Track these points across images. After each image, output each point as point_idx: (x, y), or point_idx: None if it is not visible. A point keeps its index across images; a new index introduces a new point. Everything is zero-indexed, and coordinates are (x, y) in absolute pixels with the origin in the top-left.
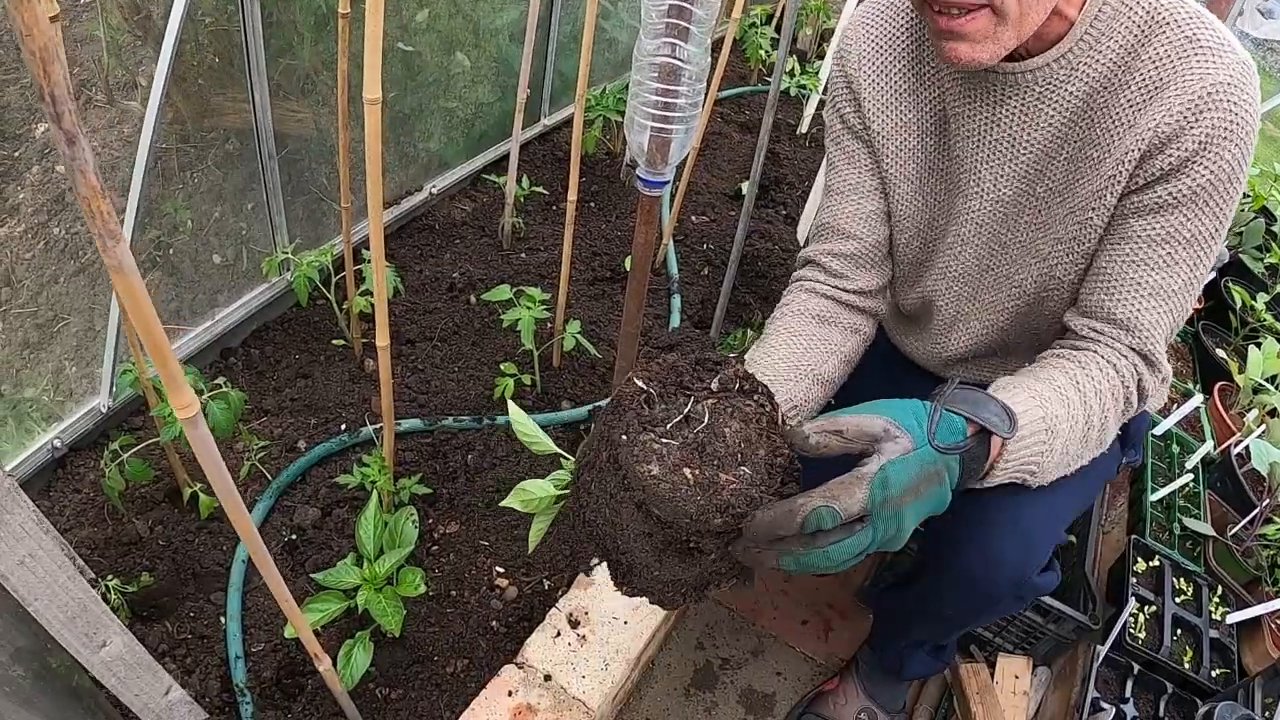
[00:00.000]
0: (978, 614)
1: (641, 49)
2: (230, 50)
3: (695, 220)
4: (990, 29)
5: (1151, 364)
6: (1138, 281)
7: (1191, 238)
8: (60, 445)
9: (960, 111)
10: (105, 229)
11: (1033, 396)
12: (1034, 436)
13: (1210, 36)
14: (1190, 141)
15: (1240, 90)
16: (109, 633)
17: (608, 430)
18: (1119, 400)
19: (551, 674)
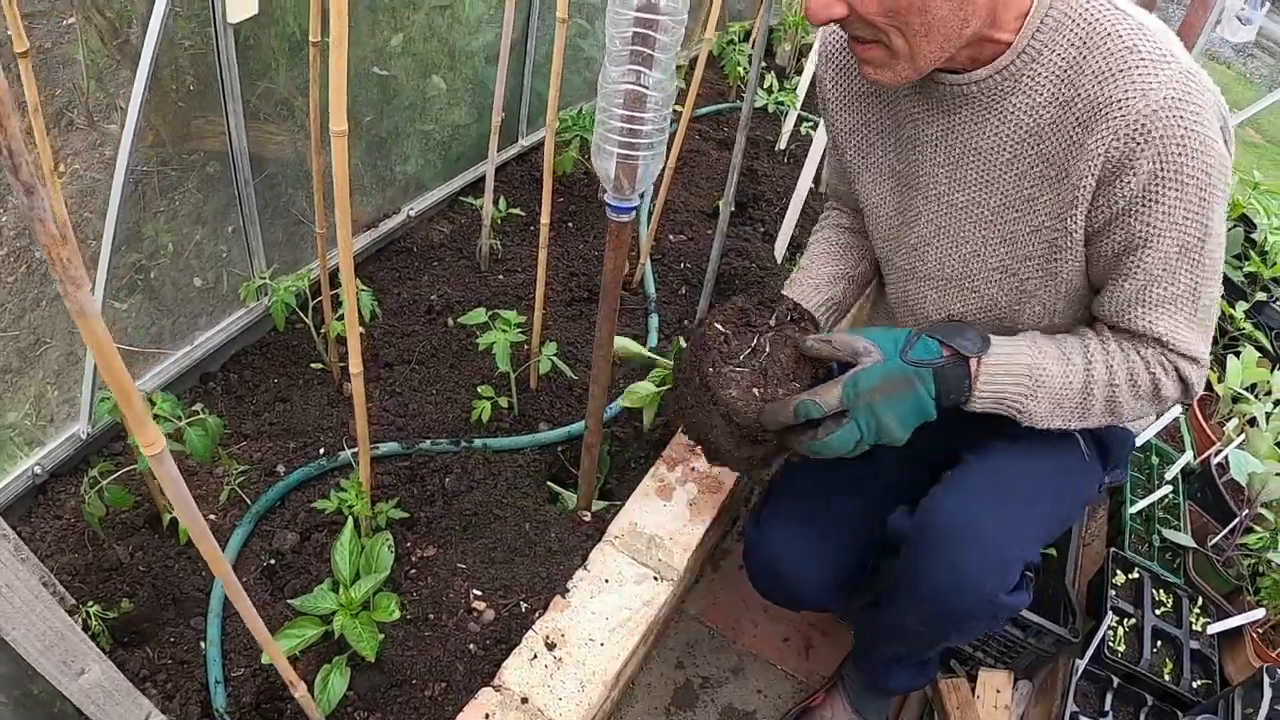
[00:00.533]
0: (947, 633)
1: (606, 76)
2: (209, 74)
3: (673, 239)
4: (885, 59)
5: (1187, 356)
6: (1139, 298)
7: (1182, 249)
8: (41, 471)
9: (917, 117)
10: (67, 275)
11: (1026, 342)
12: (1012, 375)
13: (1151, 48)
14: (1144, 163)
15: (1185, 104)
16: (87, 660)
17: (698, 362)
18: (1137, 381)
19: (529, 696)
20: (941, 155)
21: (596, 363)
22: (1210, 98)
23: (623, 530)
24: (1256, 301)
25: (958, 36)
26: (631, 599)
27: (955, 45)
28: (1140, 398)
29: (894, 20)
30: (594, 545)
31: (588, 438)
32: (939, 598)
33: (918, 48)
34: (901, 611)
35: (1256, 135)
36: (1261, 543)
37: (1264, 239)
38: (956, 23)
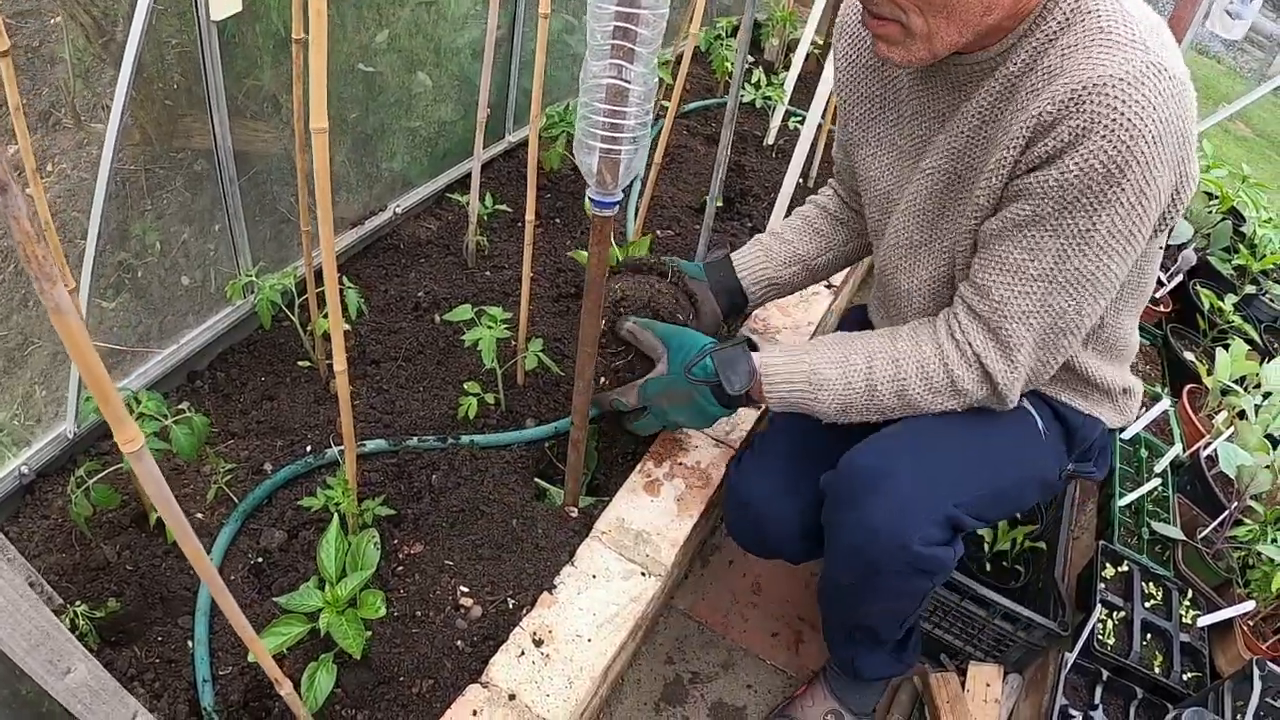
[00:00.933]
0: (873, 588)
1: (588, 70)
2: (193, 71)
3: (660, 234)
4: (900, 38)
5: (1001, 342)
6: (1000, 254)
7: (1059, 229)
8: (28, 471)
9: (920, 93)
10: (41, 272)
11: (808, 350)
12: (793, 384)
13: (1124, 32)
14: (1065, 131)
15: (1132, 87)
16: (73, 659)
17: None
18: (929, 375)
19: (516, 693)
20: (930, 129)
21: (581, 358)
22: (1172, 102)
23: (610, 526)
24: (1245, 294)
25: (978, 23)
26: (619, 595)
27: (974, 32)
28: (937, 392)
29: (918, 0)
30: (581, 541)
31: (574, 434)
32: (853, 548)
33: (936, 29)
34: (833, 567)
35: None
36: (1251, 535)
37: (1253, 232)
38: (979, 9)
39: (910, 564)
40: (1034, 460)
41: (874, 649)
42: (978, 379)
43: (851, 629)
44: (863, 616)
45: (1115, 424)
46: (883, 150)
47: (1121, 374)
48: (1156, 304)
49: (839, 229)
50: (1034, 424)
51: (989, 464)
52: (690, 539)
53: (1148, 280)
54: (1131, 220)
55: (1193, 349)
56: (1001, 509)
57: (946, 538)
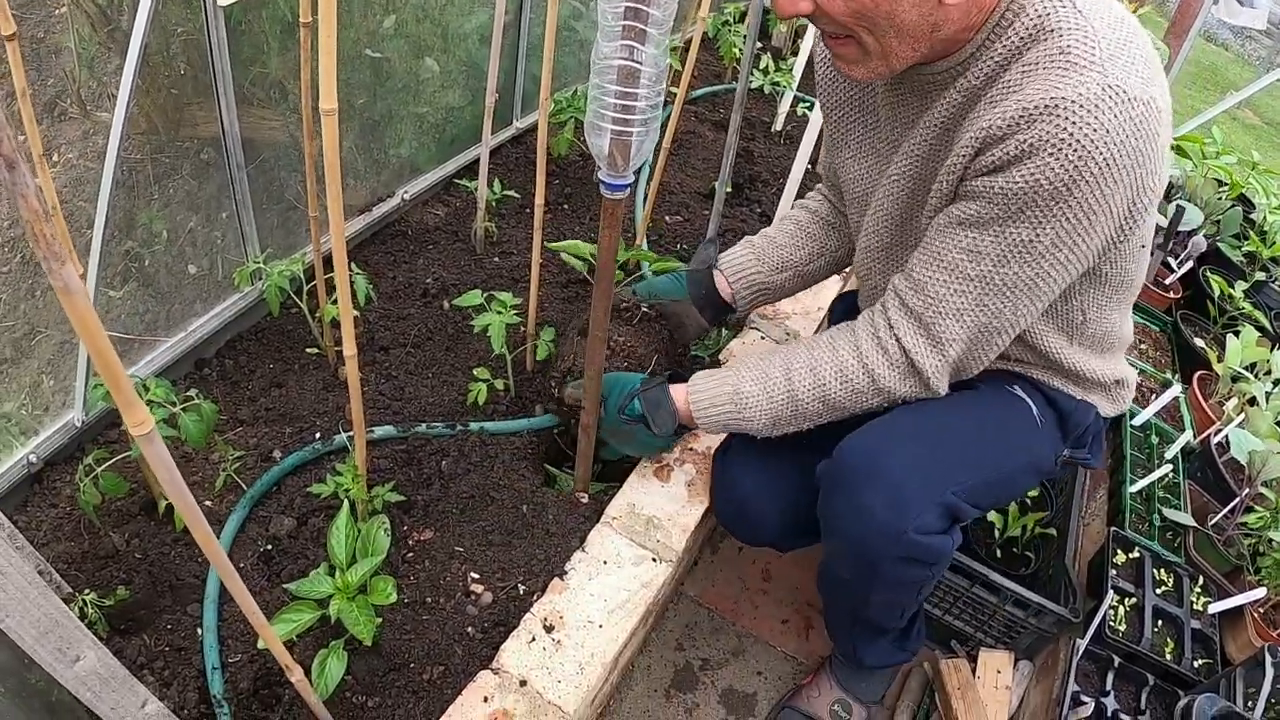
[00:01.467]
0: (870, 578)
1: (599, 52)
2: (201, 59)
3: (669, 220)
4: (858, 55)
5: (932, 336)
6: (939, 252)
7: (1001, 235)
8: (36, 460)
9: (890, 100)
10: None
11: (730, 373)
12: (718, 405)
13: (1085, 53)
14: (1014, 146)
15: (1086, 110)
16: (82, 647)
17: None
18: (848, 377)
19: (527, 679)
20: (900, 134)
21: (591, 343)
22: (1128, 125)
23: (621, 512)
24: (1256, 281)
25: (928, 39)
26: (630, 581)
27: (927, 45)
28: (859, 393)
29: (861, 21)
30: (592, 527)
31: (584, 419)
32: (849, 538)
33: (889, 46)
34: (830, 558)
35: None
36: (1262, 522)
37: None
38: (925, 26)
39: (908, 553)
40: (1030, 447)
41: (876, 638)
42: (901, 375)
43: (853, 619)
44: (863, 607)
45: (1109, 413)
46: (861, 154)
47: (1113, 366)
48: (1167, 290)
49: (831, 234)
50: (1029, 410)
51: (985, 451)
52: (701, 525)
53: (1134, 276)
54: (1076, 235)
55: (1203, 335)
56: (998, 496)
57: (944, 526)
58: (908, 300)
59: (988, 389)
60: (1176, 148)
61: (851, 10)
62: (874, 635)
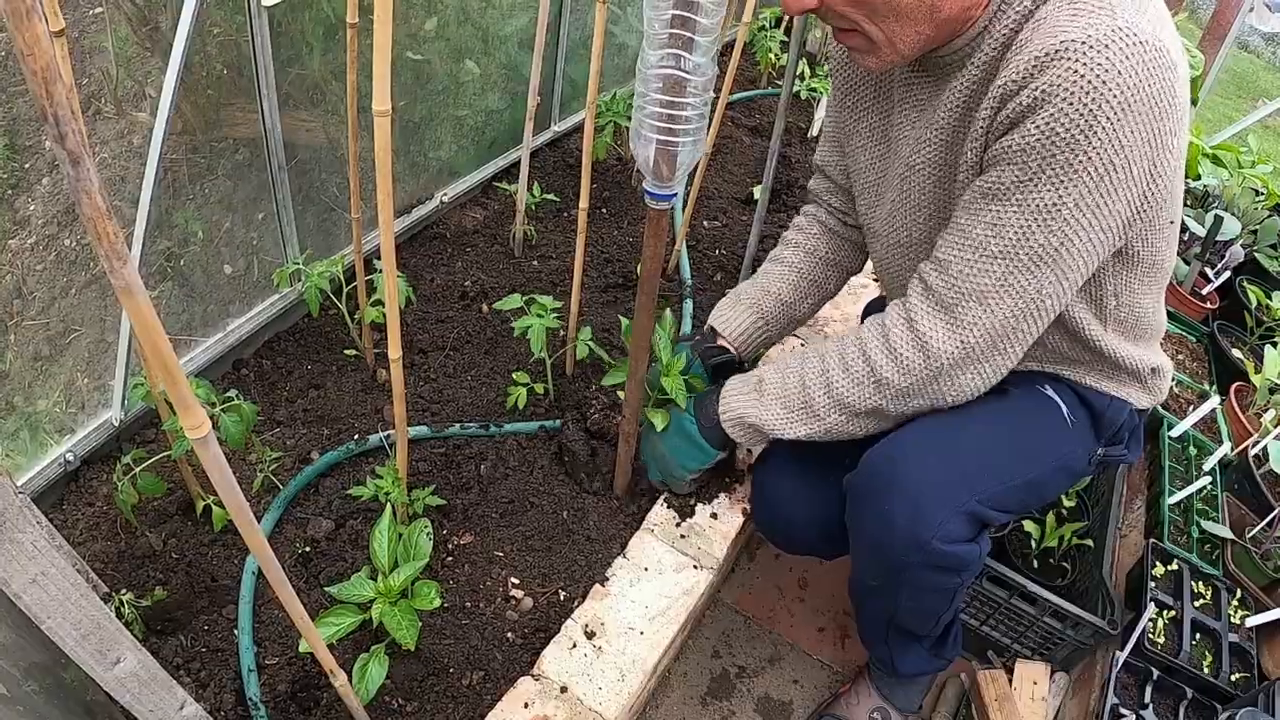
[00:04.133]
0: (896, 586)
1: (645, 61)
2: (239, 61)
3: (707, 225)
4: (867, 46)
5: (952, 318)
6: (963, 229)
7: (1023, 202)
8: (73, 459)
9: (907, 85)
10: (112, 250)
11: (754, 374)
12: (741, 393)
13: (1095, 1)
14: (1027, 96)
15: (1094, 50)
16: (122, 649)
17: None
18: (848, 363)
19: (568, 685)
20: (910, 119)
21: (634, 351)
22: (1140, 66)
23: (662, 518)
24: None
25: (929, 20)
26: (671, 587)
27: (931, 28)
28: (859, 382)
29: (860, 9)
30: (633, 533)
31: (625, 426)
32: (874, 545)
33: (893, 33)
34: (859, 567)
35: None
36: None
37: None
38: (923, 8)
39: (932, 561)
40: (1060, 449)
41: (910, 646)
42: (906, 361)
43: (886, 627)
44: (895, 615)
45: (1144, 404)
46: (873, 140)
47: (1148, 353)
48: (1204, 301)
49: (830, 272)
50: (1058, 411)
51: (1012, 456)
52: (741, 531)
53: (1164, 258)
54: (1100, 193)
55: (1240, 346)
56: (1028, 501)
57: (970, 534)
58: (930, 280)
59: (1017, 392)
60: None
61: (849, 1)
62: (909, 643)
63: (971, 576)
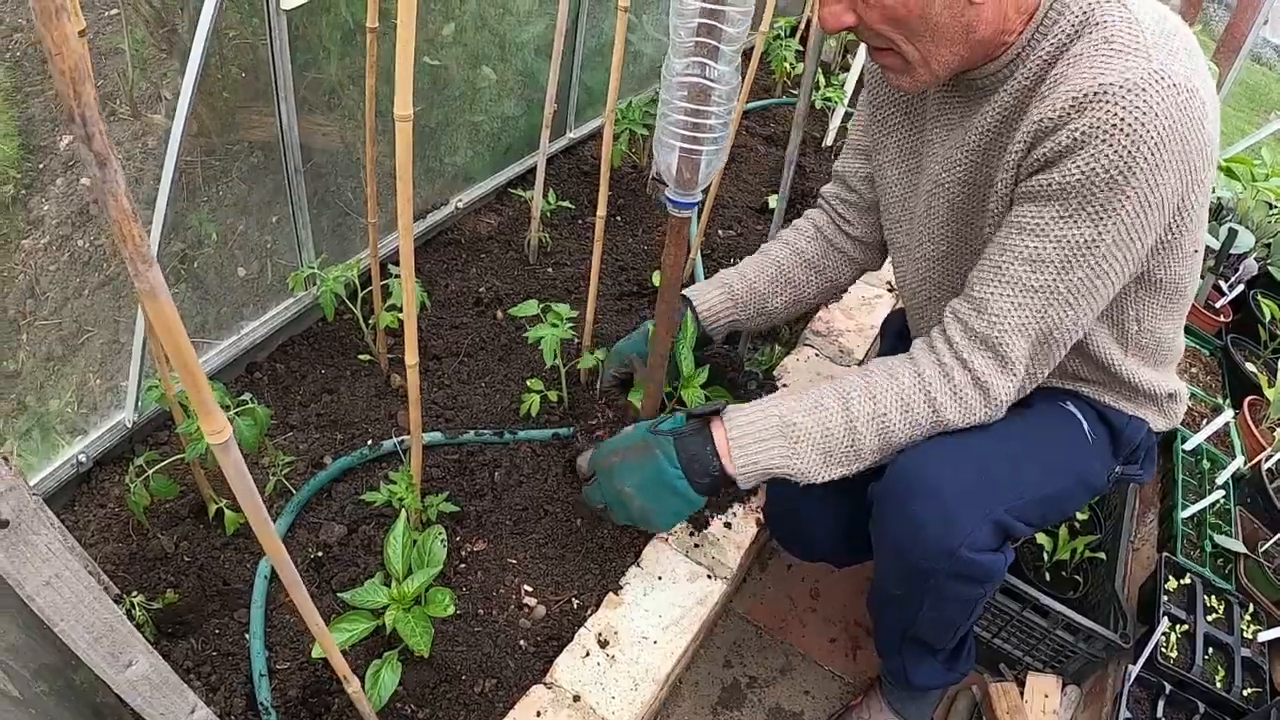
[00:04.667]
0: (920, 594)
1: (670, 68)
2: (256, 64)
3: (722, 234)
4: (901, 65)
5: (1000, 357)
6: (999, 265)
7: (1062, 238)
8: (85, 460)
9: (940, 104)
10: (137, 253)
11: (771, 403)
12: (763, 440)
13: (1130, 40)
14: (1066, 136)
15: (1133, 94)
16: (135, 652)
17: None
18: (910, 406)
19: (580, 694)
20: (941, 138)
21: (653, 360)
22: (1175, 110)
23: (675, 527)
24: None
25: (964, 41)
26: (685, 597)
27: (966, 49)
28: (917, 425)
29: (898, 28)
30: (646, 542)
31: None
32: (900, 552)
33: (929, 53)
34: (881, 575)
35: None
36: None
37: None
38: (959, 28)
39: (959, 570)
40: (1082, 465)
41: (925, 658)
42: (966, 405)
43: (903, 637)
44: (913, 625)
45: (1160, 427)
46: (902, 157)
47: (1166, 379)
48: (1217, 314)
49: (812, 277)
50: (1080, 428)
51: (1038, 469)
52: (755, 541)
53: (1187, 285)
54: (1135, 229)
55: (1253, 360)
56: (1050, 514)
57: (996, 544)
58: (971, 323)
59: (1041, 406)
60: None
61: (887, 19)
62: (923, 655)
63: (994, 587)
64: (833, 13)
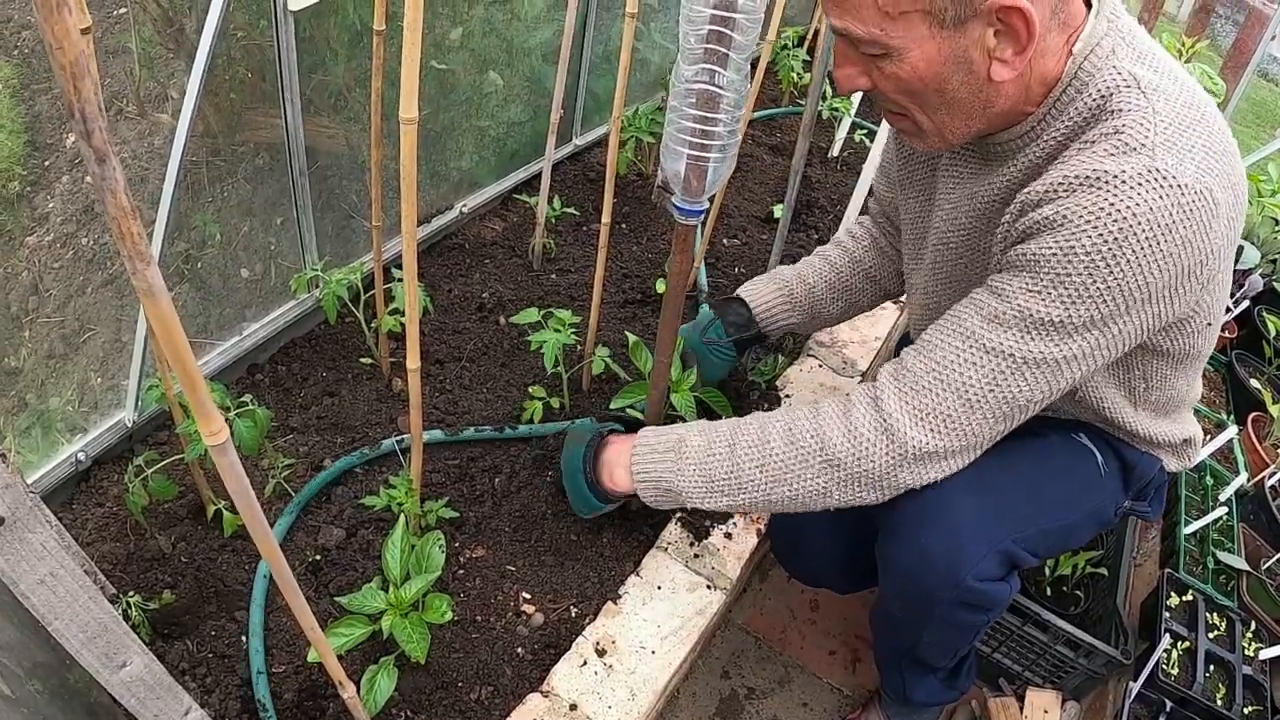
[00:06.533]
0: (922, 619)
1: (679, 75)
2: (263, 65)
3: (726, 243)
4: (915, 131)
5: (918, 409)
6: (958, 316)
7: (1025, 310)
8: (84, 458)
9: (954, 156)
10: (135, 251)
11: (683, 426)
12: (658, 453)
13: (1138, 135)
14: (1050, 210)
15: (1129, 188)
16: (129, 653)
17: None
18: (795, 436)
19: (577, 703)
20: (947, 190)
21: (657, 369)
22: (1174, 210)
23: (675, 537)
24: None
25: (982, 115)
26: (684, 607)
27: (983, 122)
28: (805, 460)
29: (913, 100)
30: (646, 551)
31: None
32: (905, 576)
33: (943, 124)
34: (885, 598)
35: None
36: None
37: None
38: (977, 104)
39: (964, 598)
40: (1092, 498)
41: (925, 676)
42: (865, 443)
43: (902, 656)
44: (914, 646)
45: (1174, 468)
46: (922, 194)
47: (1179, 427)
48: (1222, 330)
49: (868, 285)
50: (1094, 460)
51: (1049, 501)
52: (755, 552)
53: (1200, 348)
54: (1113, 320)
55: (1258, 376)
56: (1057, 545)
57: (1002, 573)
58: (907, 360)
59: (1053, 436)
60: None
61: (902, 89)
62: (923, 673)
63: (998, 615)
64: (847, 75)
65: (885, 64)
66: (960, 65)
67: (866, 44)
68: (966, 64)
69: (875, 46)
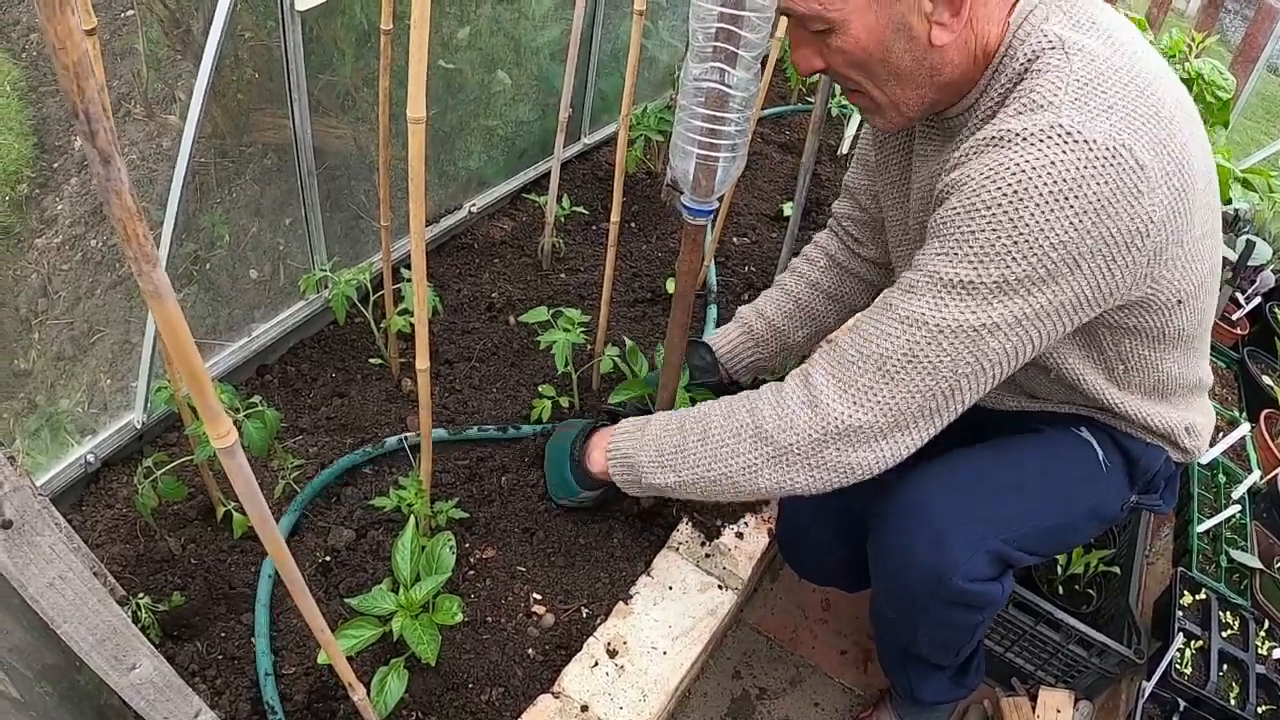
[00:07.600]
0: (913, 619)
1: (688, 73)
2: (270, 66)
3: (736, 241)
4: (872, 106)
5: (841, 379)
6: (885, 293)
7: (935, 274)
8: (94, 460)
9: (919, 133)
10: (141, 253)
11: (650, 417)
12: (628, 431)
13: (1046, 95)
14: (958, 174)
15: (1029, 144)
16: (139, 655)
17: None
18: (732, 410)
19: (589, 704)
20: (921, 174)
21: (666, 369)
22: (1083, 167)
23: (686, 537)
24: None
25: (930, 84)
26: (695, 607)
27: (933, 92)
28: (735, 432)
29: (862, 72)
30: (657, 551)
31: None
32: (893, 576)
33: (895, 96)
34: (877, 599)
35: None
36: None
37: None
38: (923, 71)
39: (951, 599)
40: (1092, 494)
41: (931, 675)
42: (790, 414)
43: (904, 656)
44: (913, 645)
45: (1178, 459)
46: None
47: (1180, 413)
48: (1234, 326)
49: (831, 307)
50: (1094, 455)
51: (1043, 498)
52: (766, 552)
53: (1178, 329)
54: (1032, 282)
55: (1270, 373)
56: (1056, 544)
57: (993, 573)
58: (839, 338)
59: (1052, 433)
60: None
61: (849, 63)
62: (928, 672)
63: (994, 613)
64: (803, 56)
65: (831, 39)
66: (901, 32)
67: (811, 20)
68: (907, 30)
69: (819, 22)
